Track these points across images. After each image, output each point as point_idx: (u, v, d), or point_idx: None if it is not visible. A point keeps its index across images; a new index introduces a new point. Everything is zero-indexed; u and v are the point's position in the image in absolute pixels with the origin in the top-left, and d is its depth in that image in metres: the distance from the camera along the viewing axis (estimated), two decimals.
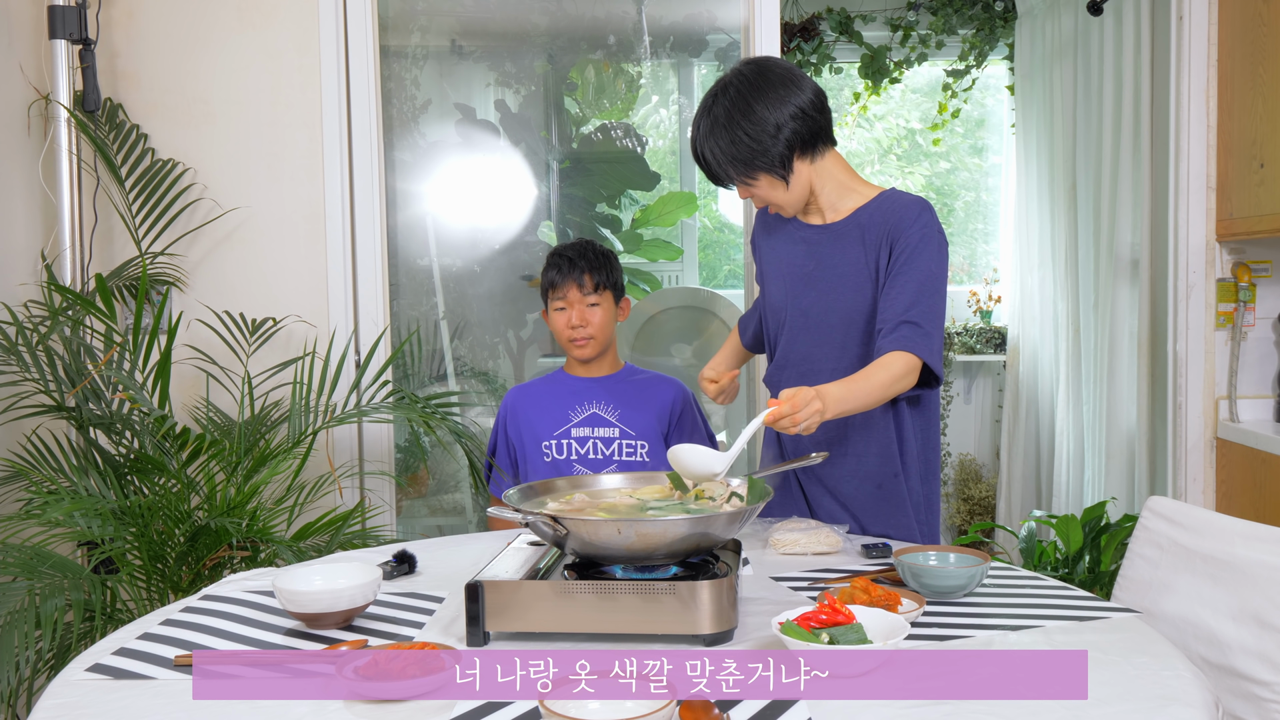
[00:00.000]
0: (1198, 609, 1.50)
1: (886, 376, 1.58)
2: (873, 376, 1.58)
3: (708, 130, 1.67)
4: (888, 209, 1.71)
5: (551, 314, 2.19)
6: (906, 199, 1.72)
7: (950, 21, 4.14)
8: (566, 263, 2.15)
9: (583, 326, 2.14)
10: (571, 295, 2.14)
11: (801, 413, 1.45)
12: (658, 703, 0.99)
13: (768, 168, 1.67)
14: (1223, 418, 2.82)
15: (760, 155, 1.65)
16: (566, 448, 2.16)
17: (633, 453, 2.16)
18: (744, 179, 1.69)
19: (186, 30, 2.57)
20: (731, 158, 1.66)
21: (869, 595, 1.25)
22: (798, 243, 1.79)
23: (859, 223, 1.72)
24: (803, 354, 1.78)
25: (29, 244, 2.47)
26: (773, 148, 1.65)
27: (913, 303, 1.63)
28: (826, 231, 1.76)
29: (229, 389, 2.52)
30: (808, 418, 1.46)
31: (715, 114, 1.66)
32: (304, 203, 2.60)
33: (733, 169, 1.68)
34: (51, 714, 1.07)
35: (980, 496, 4.36)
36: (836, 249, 1.74)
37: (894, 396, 1.64)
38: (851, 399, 1.54)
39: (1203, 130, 2.79)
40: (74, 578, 1.92)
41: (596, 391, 2.20)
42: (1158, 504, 1.64)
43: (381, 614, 1.35)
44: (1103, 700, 1.05)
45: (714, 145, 1.66)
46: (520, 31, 3.56)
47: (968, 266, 4.56)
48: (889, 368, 1.59)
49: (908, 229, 1.67)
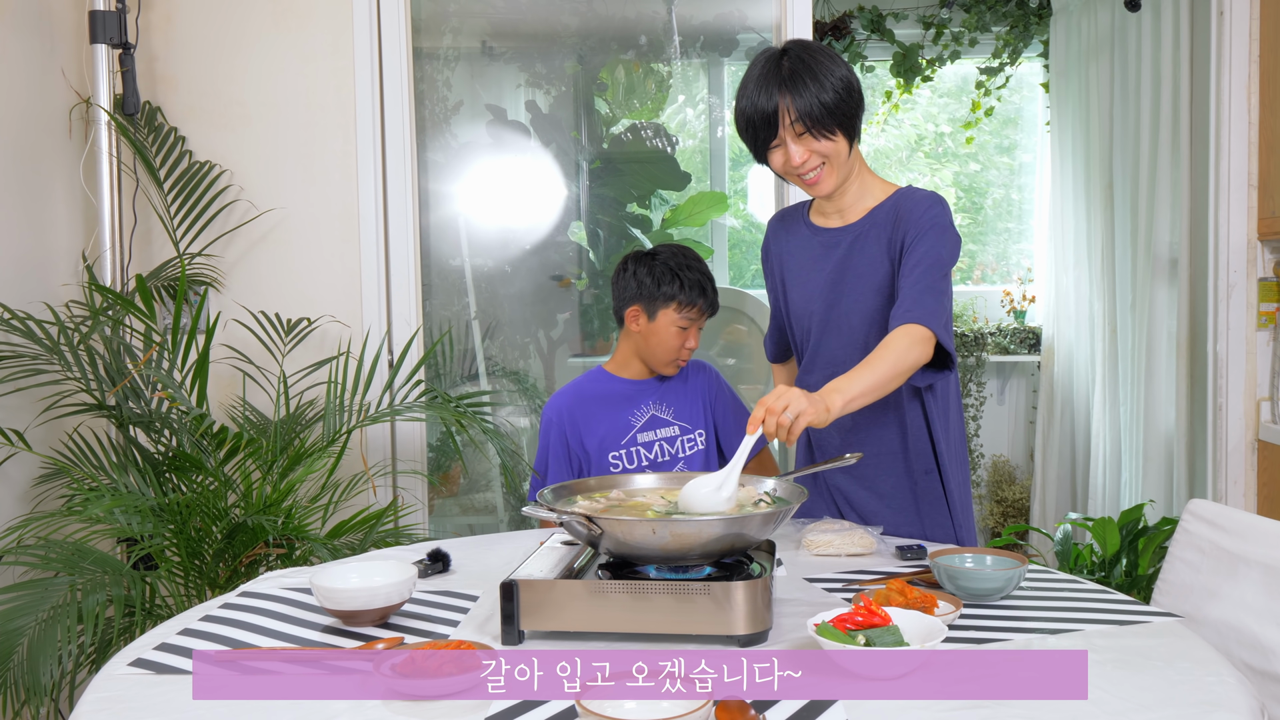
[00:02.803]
0: (1241, 614, 1.47)
1: (897, 349, 1.52)
2: (881, 354, 1.52)
3: (790, 73, 1.61)
4: (901, 206, 1.70)
5: (665, 325, 2.07)
6: (919, 194, 1.71)
7: (984, 19, 4.10)
8: (702, 287, 2.07)
9: (691, 350, 2.10)
10: (698, 319, 2.08)
11: (779, 410, 1.38)
12: (694, 703, 0.99)
13: (849, 120, 1.64)
14: (1264, 419, 2.77)
15: (846, 103, 1.62)
16: (635, 455, 2.11)
17: (694, 445, 2.12)
18: (825, 132, 1.63)
19: (223, 34, 2.61)
20: (820, 103, 1.60)
21: (905, 597, 1.24)
22: (815, 246, 1.78)
23: (875, 222, 1.72)
24: (829, 357, 1.76)
25: (70, 245, 2.52)
26: (855, 100, 1.64)
27: (919, 281, 1.61)
28: (845, 233, 1.75)
29: (265, 388, 2.54)
30: (789, 411, 1.38)
31: (795, 62, 1.62)
32: (338, 204, 2.63)
33: (820, 116, 1.61)
34: (95, 707, 1.09)
35: (1014, 499, 4.32)
36: (855, 250, 1.73)
37: (910, 370, 1.55)
38: (860, 382, 1.48)
39: (1244, 127, 2.74)
40: (114, 574, 1.95)
41: (648, 391, 2.14)
42: (1199, 507, 1.61)
43: (417, 612, 1.36)
44: (1145, 706, 1.04)
45: (804, 86, 1.60)
46: (551, 32, 3.57)
47: (998, 265, 4.51)
48: (896, 341, 1.53)
49: (918, 219, 1.66)
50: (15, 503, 2.29)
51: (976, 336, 4.28)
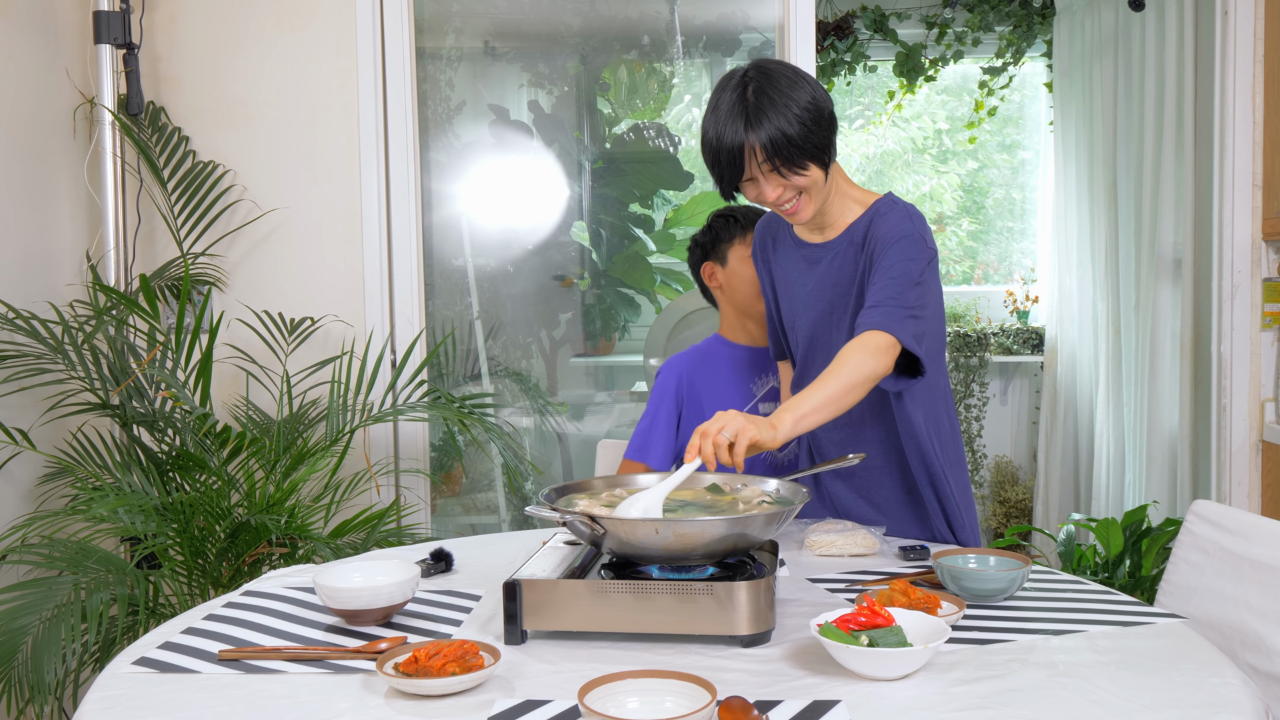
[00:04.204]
0: (1245, 615, 1.47)
1: (851, 362, 1.45)
2: (835, 367, 1.45)
3: (755, 108, 1.52)
4: (874, 222, 1.65)
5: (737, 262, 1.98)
6: (893, 209, 1.65)
7: (987, 18, 4.10)
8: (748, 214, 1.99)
9: None
10: None
11: (713, 433, 1.34)
12: (697, 702, 0.99)
13: (821, 150, 1.56)
14: (1268, 420, 2.76)
15: (815, 134, 1.54)
16: None
17: None
18: (797, 168, 1.56)
19: (227, 34, 2.61)
20: (788, 139, 1.53)
21: (908, 598, 1.24)
22: (799, 260, 1.75)
23: (851, 240, 1.68)
24: (816, 370, 1.72)
25: (74, 245, 2.52)
26: (825, 126, 1.56)
27: (883, 289, 1.55)
28: (825, 250, 1.71)
29: (268, 388, 2.55)
30: (724, 432, 1.34)
31: (759, 95, 1.53)
32: (341, 204, 2.63)
33: (790, 154, 1.54)
34: (99, 706, 1.09)
35: (1017, 499, 4.31)
36: (834, 266, 1.70)
37: (869, 381, 1.47)
38: (812, 399, 1.42)
39: (1248, 127, 2.74)
40: (118, 572, 1.96)
41: (762, 360, 2.05)
42: (1203, 508, 1.61)
43: (420, 611, 1.36)
44: (1149, 707, 1.03)
45: (776, 124, 1.52)
46: (553, 32, 3.57)
47: (999, 265, 4.51)
48: (851, 353, 1.47)
49: (885, 234, 1.61)
50: (19, 502, 2.29)
51: (979, 337, 4.28)
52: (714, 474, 1.43)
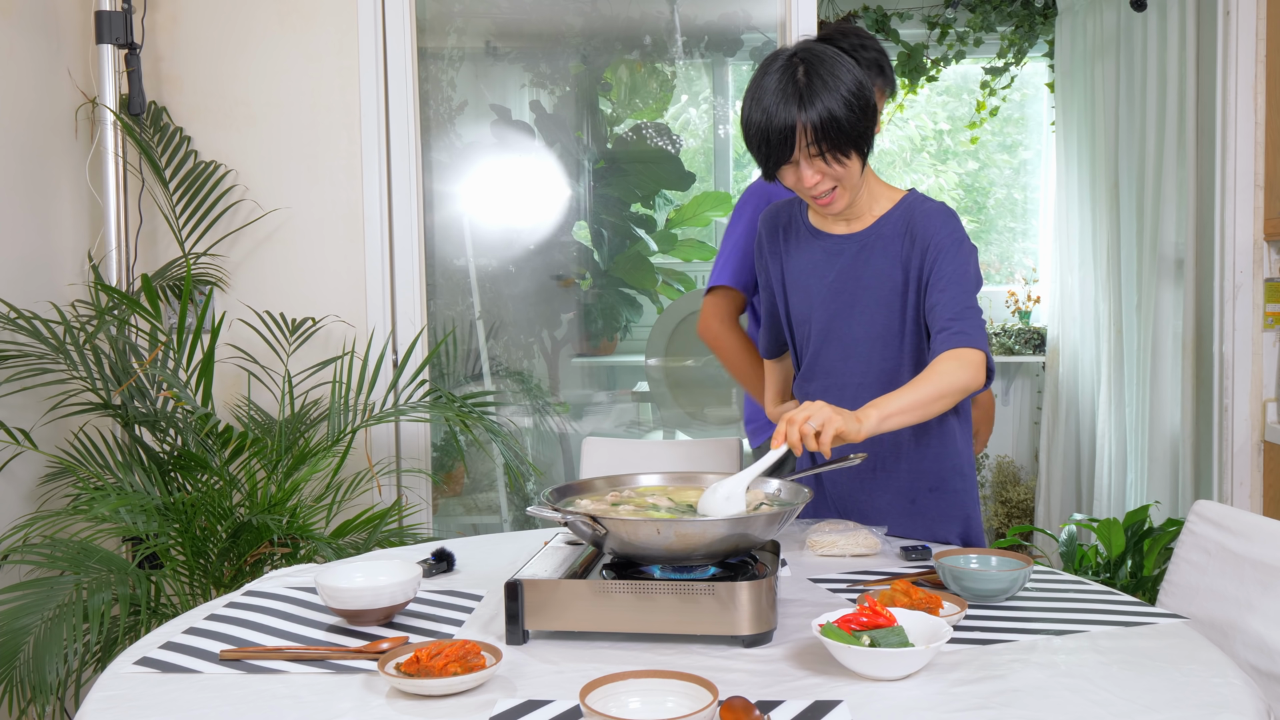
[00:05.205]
0: (1247, 616, 1.47)
1: (945, 371, 1.47)
2: (928, 374, 1.48)
3: (807, 87, 1.51)
4: (911, 216, 1.65)
5: None
6: (930, 205, 1.66)
7: (989, 19, 4.09)
8: None
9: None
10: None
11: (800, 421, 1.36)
12: (699, 702, 0.99)
13: (864, 138, 1.57)
14: (1270, 420, 2.76)
15: (861, 120, 1.55)
16: None
17: None
18: (840, 154, 1.55)
19: (228, 34, 2.61)
20: (840, 121, 1.52)
21: (910, 598, 1.24)
22: (817, 251, 1.72)
23: (882, 233, 1.66)
24: (826, 367, 1.72)
25: (76, 245, 2.52)
26: (870, 118, 1.56)
27: (956, 300, 1.57)
28: (850, 241, 1.69)
29: (270, 388, 2.55)
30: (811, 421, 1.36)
31: (811, 74, 1.53)
32: (343, 204, 2.63)
33: (837, 138, 1.53)
34: (101, 706, 1.09)
35: (1018, 499, 4.31)
36: (861, 260, 1.67)
37: (960, 394, 1.49)
38: (900, 399, 1.44)
39: (1250, 127, 2.74)
40: (120, 572, 1.96)
41: None
42: (1205, 508, 1.61)
43: (421, 611, 1.36)
44: (1150, 707, 1.03)
45: (826, 104, 1.51)
46: (555, 32, 3.57)
47: (1001, 265, 4.50)
48: (945, 363, 1.48)
49: (938, 237, 1.61)
50: (21, 501, 2.30)
51: None
52: None
